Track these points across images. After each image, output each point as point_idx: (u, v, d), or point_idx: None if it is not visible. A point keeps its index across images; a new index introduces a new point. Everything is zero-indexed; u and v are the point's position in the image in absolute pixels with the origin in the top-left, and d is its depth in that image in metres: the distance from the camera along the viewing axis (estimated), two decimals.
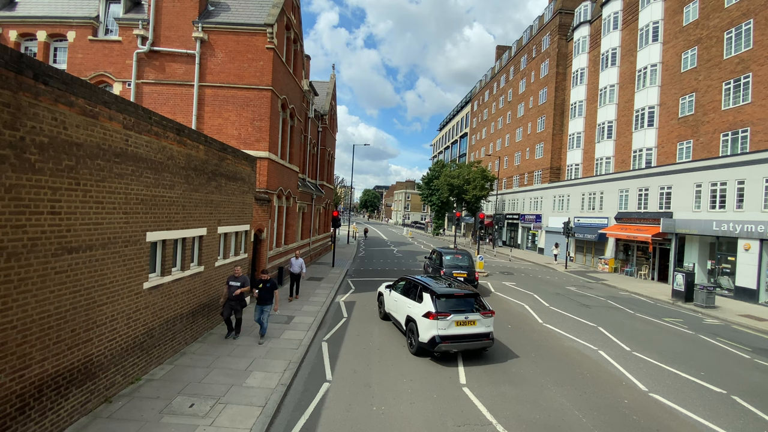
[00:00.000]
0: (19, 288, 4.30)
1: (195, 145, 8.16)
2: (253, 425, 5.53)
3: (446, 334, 8.39)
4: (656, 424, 6.30)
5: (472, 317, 8.59)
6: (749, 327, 13.19)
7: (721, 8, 21.42)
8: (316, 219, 24.67)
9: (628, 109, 28.21)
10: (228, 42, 14.35)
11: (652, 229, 22.25)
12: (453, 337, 8.42)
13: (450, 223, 64.69)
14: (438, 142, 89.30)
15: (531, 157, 41.05)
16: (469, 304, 8.87)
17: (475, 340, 8.55)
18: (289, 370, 7.47)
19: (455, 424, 6.02)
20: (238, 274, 9.09)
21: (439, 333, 8.38)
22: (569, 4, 37.18)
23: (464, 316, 8.55)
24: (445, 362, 8.52)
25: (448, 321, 8.41)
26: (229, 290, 8.88)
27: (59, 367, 4.91)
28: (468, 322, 8.57)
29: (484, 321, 8.68)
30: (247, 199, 11.68)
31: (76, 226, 5.03)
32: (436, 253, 17.91)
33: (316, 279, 17.55)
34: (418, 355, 8.87)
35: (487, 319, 8.72)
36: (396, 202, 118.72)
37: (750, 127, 19.34)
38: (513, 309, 13.95)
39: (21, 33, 14.86)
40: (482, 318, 8.66)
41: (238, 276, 9.06)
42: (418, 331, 8.77)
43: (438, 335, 8.36)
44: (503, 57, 52.52)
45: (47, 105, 4.50)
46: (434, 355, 8.79)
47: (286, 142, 17.01)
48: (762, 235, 16.70)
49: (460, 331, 8.50)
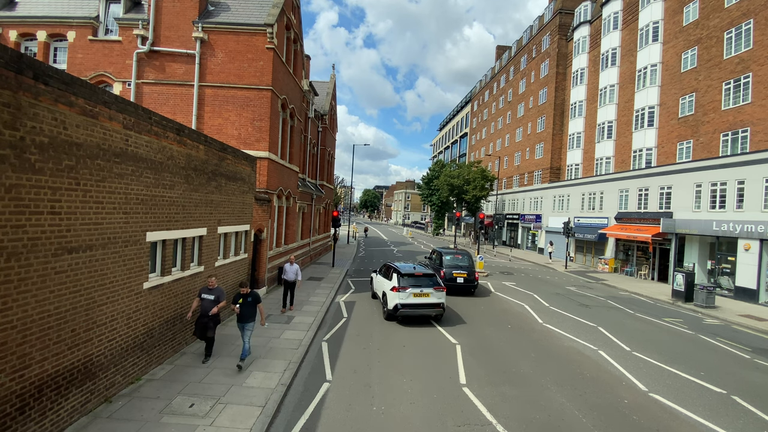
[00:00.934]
0: (19, 288, 4.31)
1: (195, 145, 8.16)
2: (253, 425, 5.53)
3: (405, 302, 11.15)
4: (656, 424, 6.30)
5: (427, 291, 11.30)
6: (749, 327, 13.19)
7: (721, 8, 21.42)
8: (316, 219, 24.67)
9: (628, 109, 28.21)
10: (228, 42, 14.35)
11: (652, 229, 22.25)
12: (411, 305, 11.16)
13: (450, 223, 64.68)
14: (438, 142, 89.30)
15: (531, 157, 41.05)
16: (425, 281, 11.52)
17: (428, 308, 11.30)
18: (289, 370, 7.47)
19: (455, 424, 6.02)
20: (212, 285, 7.82)
21: (400, 302, 11.14)
22: (569, 4, 37.18)
23: (420, 290, 11.27)
24: (445, 362, 8.53)
25: (407, 293, 11.18)
26: (202, 305, 7.66)
27: (59, 367, 4.91)
28: (423, 294, 11.26)
29: (437, 294, 11.39)
30: (247, 199, 11.68)
31: (76, 226, 5.03)
32: (436, 253, 17.91)
33: (316, 279, 17.55)
34: (388, 320, 11.59)
35: (439, 293, 11.44)
36: (396, 202, 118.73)
37: (750, 127, 19.34)
38: (513, 309, 13.95)
39: (21, 33, 14.86)
40: (435, 292, 11.38)
41: (213, 287, 7.81)
42: (387, 301, 11.67)
43: (399, 303, 11.14)
44: (503, 57, 52.53)
45: (47, 105, 4.50)
46: (398, 319, 11.52)
47: (286, 142, 17.00)
48: (762, 235, 16.70)
49: (417, 300, 11.21)
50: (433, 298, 11.31)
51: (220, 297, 7.78)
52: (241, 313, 7.75)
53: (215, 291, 7.81)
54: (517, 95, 45.52)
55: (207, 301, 7.66)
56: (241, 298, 7.82)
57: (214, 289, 7.84)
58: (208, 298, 7.68)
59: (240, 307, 7.75)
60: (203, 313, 7.60)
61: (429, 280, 11.63)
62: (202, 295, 7.70)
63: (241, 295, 7.84)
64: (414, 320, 11.65)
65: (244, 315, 7.76)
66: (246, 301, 7.79)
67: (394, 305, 11.22)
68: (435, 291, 11.39)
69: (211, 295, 7.71)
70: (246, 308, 7.77)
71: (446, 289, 13.16)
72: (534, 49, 42.12)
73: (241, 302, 7.74)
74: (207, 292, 7.76)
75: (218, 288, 7.90)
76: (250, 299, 7.82)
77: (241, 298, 7.82)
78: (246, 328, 7.76)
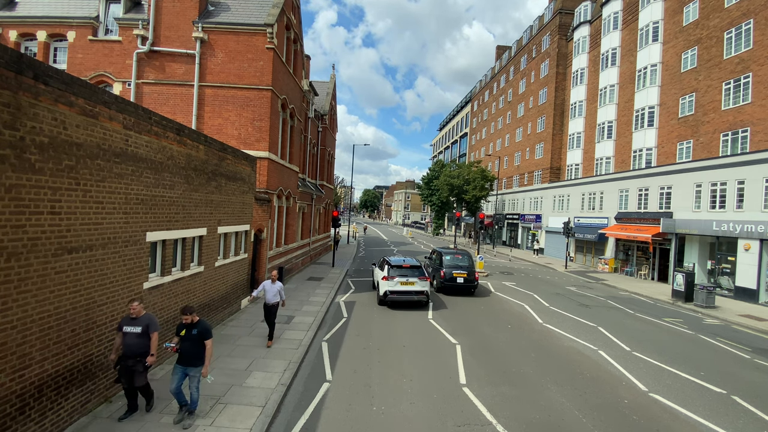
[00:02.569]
0: (19, 288, 4.31)
1: (195, 145, 8.16)
2: (253, 425, 5.53)
3: (393, 289, 12.98)
4: (656, 424, 6.30)
5: (412, 280, 13.10)
6: (749, 327, 13.18)
7: (721, 8, 21.41)
8: (316, 219, 24.67)
9: (628, 109, 28.21)
10: (228, 42, 14.35)
11: (652, 229, 22.24)
12: (398, 292, 13.02)
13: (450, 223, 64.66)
14: (438, 142, 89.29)
15: (531, 157, 41.04)
16: (411, 272, 13.23)
17: (413, 295, 13.13)
18: (289, 370, 7.47)
19: (455, 424, 6.02)
20: (137, 314, 5.45)
21: (389, 288, 12.99)
22: (569, 4, 37.18)
23: (406, 279, 13.08)
24: (445, 362, 8.53)
25: (395, 281, 13.00)
26: (124, 342, 5.35)
27: (59, 367, 4.91)
28: (409, 283, 13.07)
29: (421, 283, 13.12)
30: (247, 199, 11.68)
31: (76, 226, 5.03)
32: (436, 253, 17.91)
33: (316, 279, 17.55)
34: (380, 305, 13.40)
35: (423, 282, 13.14)
36: (396, 202, 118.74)
37: (750, 127, 19.34)
38: (513, 309, 13.95)
39: (21, 33, 14.86)
40: (419, 281, 13.11)
41: (138, 316, 5.46)
42: (379, 288, 13.63)
43: (388, 290, 13.00)
44: (503, 57, 52.52)
45: (47, 105, 4.50)
46: (388, 305, 13.32)
47: (286, 142, 17.01)
48: (762, 235, 16.70)
49: (403, 288, 13.02)
50: (418, 286, 13.09)
51: (150, 327, 5.47)
52: (183, 351, 5.51)
53: (142, 320, 5.45)
54: (517, 95, 45.52)
55: (131, 336, 5.35)
56: (183, 329, 5.54)
57: (141, 318, 5.47)
58: (133, 332, 5.36)
59: (180, 343, 5.54)
60: (127, 353, 5.32)
61: (415, 271, 13.32)
62: (123, 327, 5.41)
63: (184, 326, 5.55)
64: (402, 305, 13.41)
65: (188, 353, 5.50)
66: (190, 334, 5.53)
67: (384, 292, 13.08)
68: (419, 280, 13.14)
69: (136, 327, 5.38)
70: (190, 344, 5.51)
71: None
72: (534, 49, 42.12)
73: (182, 334, 5.53)
74: (129, 323, 5.41)
75: (146, 316, 5.56)
76: (195, 332, 5.53)
77: (184, 329, 5.54)
78: (189, 374, 5.51)
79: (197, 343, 5.53)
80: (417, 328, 11.09)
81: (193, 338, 5.53)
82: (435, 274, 16.76)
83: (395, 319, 11.83)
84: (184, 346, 5.52)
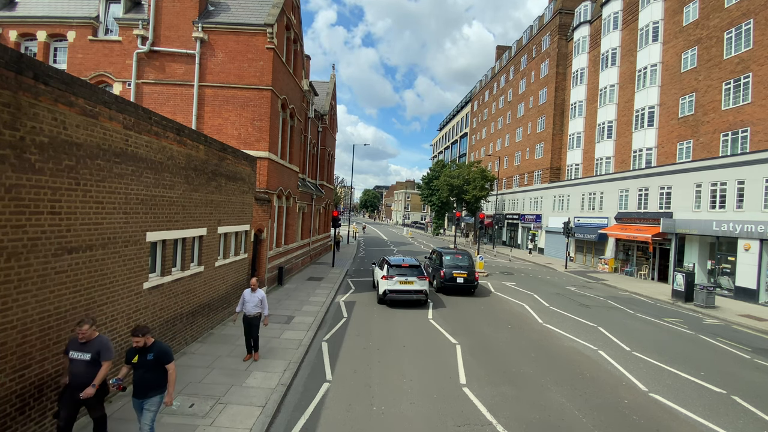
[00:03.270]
0: (19, 288, 4.31)
1: (195, 145, 8.16)
2: (253, 425, 5.53)
3: (392, 288, 13.03)
4: (656, 424, 6.30)
5: (411, 279, 13.16)
6: (749, 327, 13.19)
7: (721, 8, 21.41)
8: (316, 219, 24.67)
9: (628, 109, 28.21)
10: (228, 42, 14.35)
11: (652, 229, 22.24)
12: (397, 291, 13.04)
13: (450, 223, 64.67)
14: (438, 142, 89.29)
15: (531, 157, 41.04)
16: (410, 271, 13.30)
17: (411, 294, 13.15)
18: (289, 370, 7.47)
19: (455, 424, 6.02)
20: (87, 337, 4.44)
21: (388, 288, 13.06)
22: (569, 4, 37.18)
23: (405, 278, 13.13)
24: (445, 362, 8.53)
25: (394, 281, 13.06)
26: (71, 370, 4.40)
27: (59, 367, 4.90)
28: (408, 282, 13.12)
29: (420, 282, 13.18)
30: (247, 199, 11.68)
31: (76, 226, 5.03)
32: (436, 254, 17.91)
33: (316, 279, 17.55)
34: (380, 303, 13.57)
35: (422, 281, 13.21)
36: (396, 202, 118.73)
37: (750, 127, 19.34)
38: (513, 309, 13.95)
39: (21, 33, 14.86)
40: (418, 280, 13.18)
41: (89, 340, 4.46)
42: (379, 287, 13.70)
43: (387, 289, 13.07)
44: (503, 57, 52.52)
45: (47, 105, 4.50)
46: (387, 303, 13.41)
47: (286, 142, 17.00)
48: (762, 235, 16.70)
49: (402, 287, 13.05)
50: (417, 285, 13.14)
51: (102, 355, 4.44)
52: (138, 380, 4.49)
53: (93, 345, 4.45)
54: (517, 95, 45.52)
55: (79, 363, 4.38)
56: (135, 354, 4.53)
57: (93, 342, 4.47)
58: (80, 359, 4.38)
59: (134, 371, 4.54)
60: (73, 383, 4.36)
61: (414, 270, 13.38)
62: (69, 352, 4.43)
63: (136, 351, 4.54)
64: (402, 304, 13.43)
65: (143, 384, 4.49)
66: (144, 360, 4.50)
67: (383, 291, 13.15)
68: (418, 280, 13.19)
69: (85, 354, 4.39)
70: (145, 373, 4.49)
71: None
72: (534, 49, 42.11)
73: (136, 361, 4.52)
74: (78, 348, 4.42)
75: (98, 340, 4.51)
76: (151, 357, 4.51)
77: (136, 354, 4.53)
78: (145, 407, 4.50)
79: (154, 369, 4.50)
80: (417, 328, 11.08)
81: (147, 364, 4.48)
82: (435, 274, 16.76)
83: (395, 319, 11.83)
84: (138, 375, 4.49)
